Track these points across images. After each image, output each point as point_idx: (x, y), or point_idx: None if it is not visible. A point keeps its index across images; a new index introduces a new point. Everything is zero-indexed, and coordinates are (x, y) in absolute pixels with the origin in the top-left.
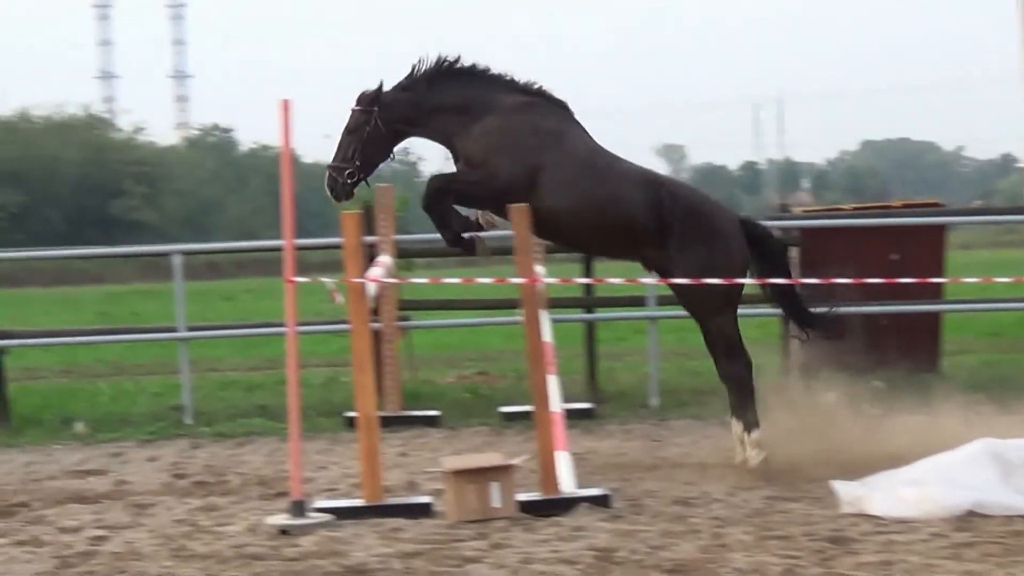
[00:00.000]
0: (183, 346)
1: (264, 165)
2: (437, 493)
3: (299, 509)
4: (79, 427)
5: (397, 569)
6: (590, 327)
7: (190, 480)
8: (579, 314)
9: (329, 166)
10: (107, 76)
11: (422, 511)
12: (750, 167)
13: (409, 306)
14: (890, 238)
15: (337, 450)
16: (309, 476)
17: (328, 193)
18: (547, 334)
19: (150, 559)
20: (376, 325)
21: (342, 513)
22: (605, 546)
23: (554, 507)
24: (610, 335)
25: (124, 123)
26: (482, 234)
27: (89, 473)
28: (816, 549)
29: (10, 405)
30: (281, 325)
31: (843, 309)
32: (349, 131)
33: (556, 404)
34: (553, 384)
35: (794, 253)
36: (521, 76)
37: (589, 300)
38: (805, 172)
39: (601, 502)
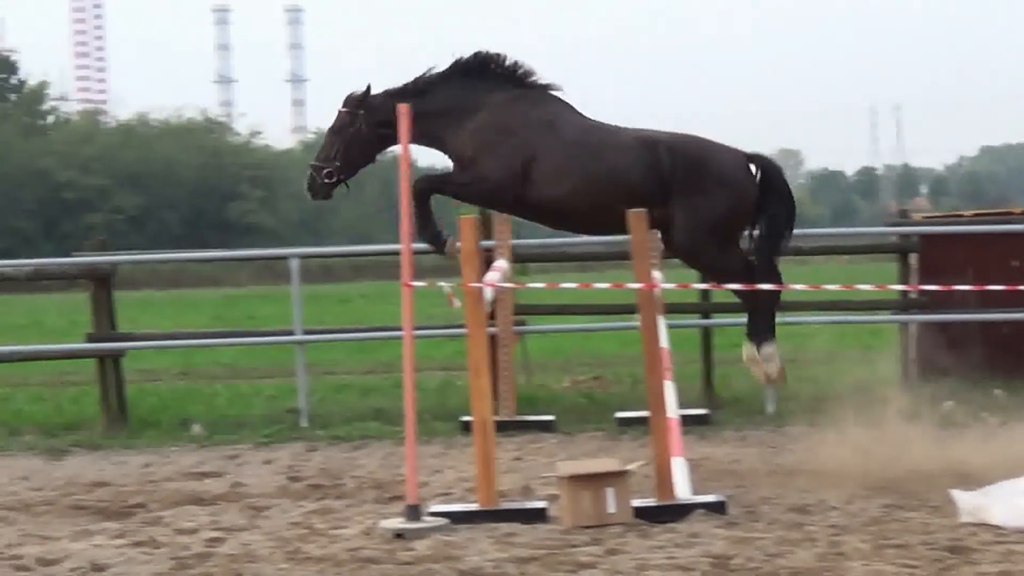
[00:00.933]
0: (300, 349)
1: (379, 169)
2: (552, 498)
3: (414, 513)
4: (196, 429)
5: (512, 574)
6: (707, 332)
7: (305, 483)
8: (696, 319)
9: (310, 164)
10: (225, 80)
11: (537, 516)
12: (867, 173)
13: (525, 310)
14: (1011, 245)
15: (452, 454)
16: (424, 480)
17: (306, 191)
18: (664, 339)
19: (265, 561)
20: (492, 329)
21: (457, 517)
22: (721, 553)
23: (669, 513)
24: (725, 341)
25: (241, 127)
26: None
27: (206, 475)
28: (935, 558)
29: (128, 407)
30: (397, 329)
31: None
32: (333, 131)
33: (672, 410)
34: (669, 390)
35: (913, 260)
36: (511, 63)
37: (706, 306)
38: (923, 178)
39: (717, 509)
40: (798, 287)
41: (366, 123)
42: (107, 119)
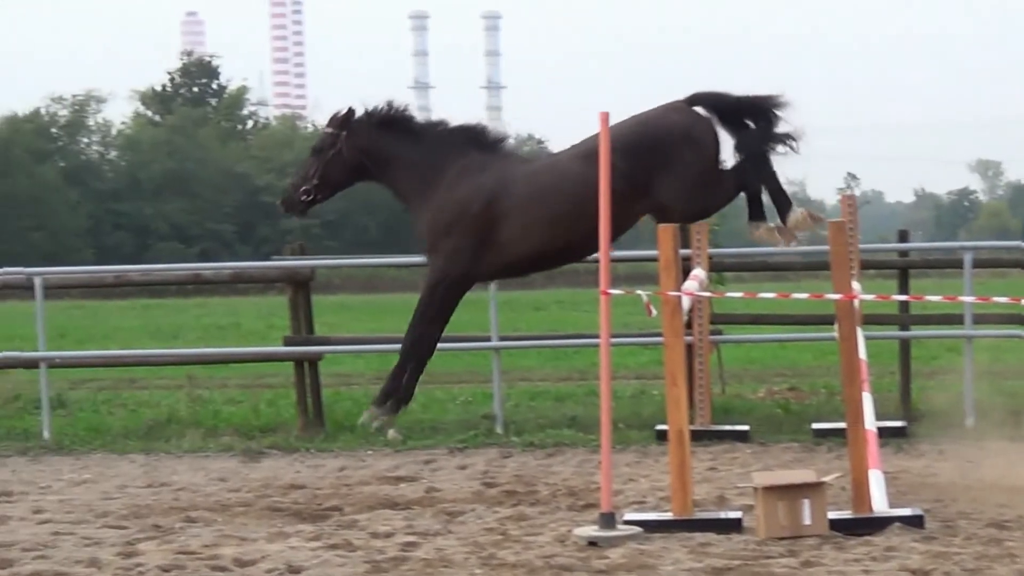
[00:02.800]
0: (496, 356)
1: None
2: (747, 508)
3: (608, 521)
4: (391, 434)
5: None
6: (905, 344)
7: (500, 489)
8: (894, 331)
9: (289, 182)
10: (422, 86)
11: (732, 526)
12: None
13: (721, 320)
14: None
15: (646, 463)
16: (618, 488)
17: (279, 204)
18: (862, 351)
19: (460, 567)
20: (688, 338)
21: (651, 526)
22: (918, 567)
23: (866, 526)
24: (922, 353)
25: None
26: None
27: (401, 479)
28: None
29: (324, 410)
30: (593, 336)
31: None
32: (314, 151)
33: (869, 422)
34: (867, 402)
35: None
36: (478, 128)
37: (904, 317)
38: None
39: (914, 523)
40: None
41: (347, 146)
42: (305, 124)
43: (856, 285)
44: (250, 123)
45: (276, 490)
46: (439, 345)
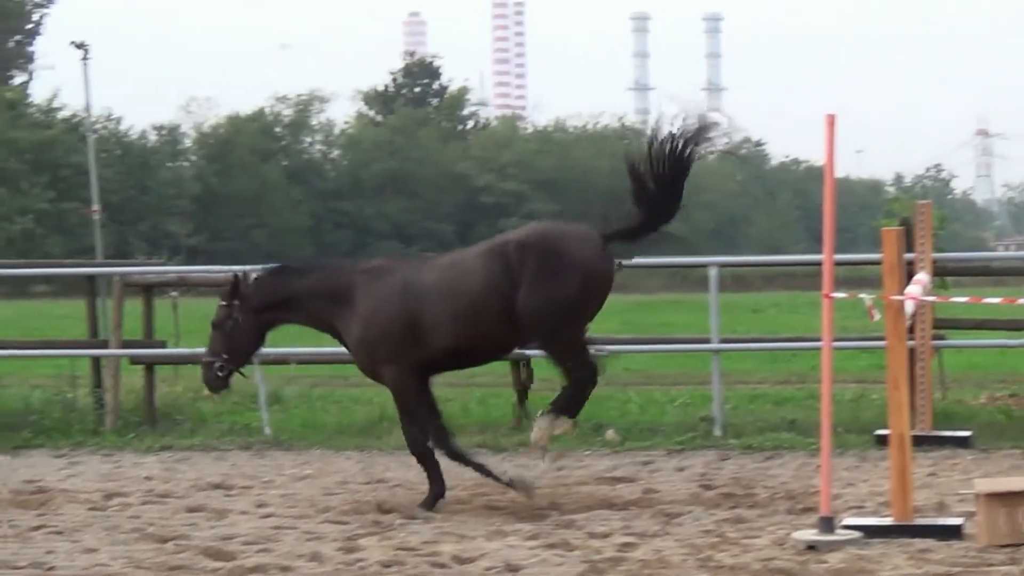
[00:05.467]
0: (715, 358)
1: (793, 179)
2: (968, 515)
3: (827, 525)
4: (610, 434)
5: None
6: None
7: (718, 491)
8: None
9: (203, 360)
10: (642, 88)
11: (952, 533)
12: None
13: (943, 324)
14: None
15: (865, 467)
16: (837, 493)
17: (208, 391)
18: None
19: (677, 568)
20: (910, 343)
21: (870, 531)
22: None
23: None
24: None
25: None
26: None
27: (619, 480)
28: None
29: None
30: (813, 339)
31: None
32: (214, 326)
33: None
34: None
35: None
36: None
37: None
38: None
39: None
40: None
41: (242, 314)
42: (525, 125)
43: None
44: (470, 123)
45: (493, 488)
46: (658, 347)
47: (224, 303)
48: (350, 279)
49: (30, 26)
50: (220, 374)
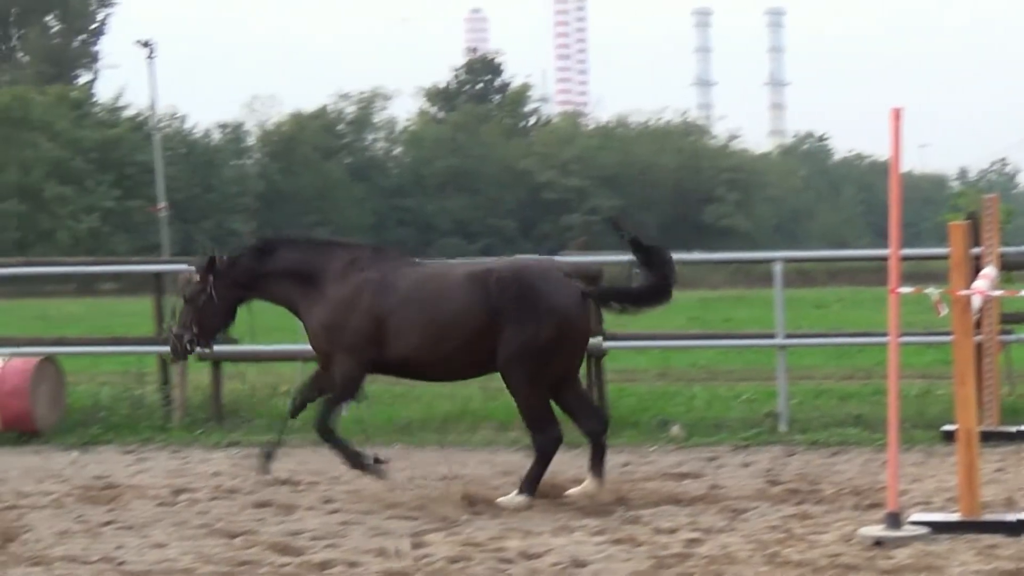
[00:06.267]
0: (781, 353)
1: (857, 174)
2: None
3: (894, 521)
4: (675, 430)
5: None
6: None
7: (784, 487)
8: None
9: (172, 332)
10: (704, 83)
11: (1020, 528)
12: None
13: (1010, 319)
14: None
15: (931, 463)
16: (904, 488)
17: (172, 358)
18: None
19: (744, 564)
20: (977, 338)
21: (938, 527)
22: None
23: None
24: None
25: (719, 130)
26: None
27: (684, 476)
28: None
29: (608, 406)
30: (879, 335)
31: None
32: (186, 300)
33: None
34: None
35: None
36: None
37: None
38: None
39: None
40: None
41: (216, 290)
42: (587, 121)
43: None
44: (532, 120)
45: (561, 484)
46: (723, 342)
47: (198, 279)
48: (326, 265)
49: (95, 25)
50: (190, 347)
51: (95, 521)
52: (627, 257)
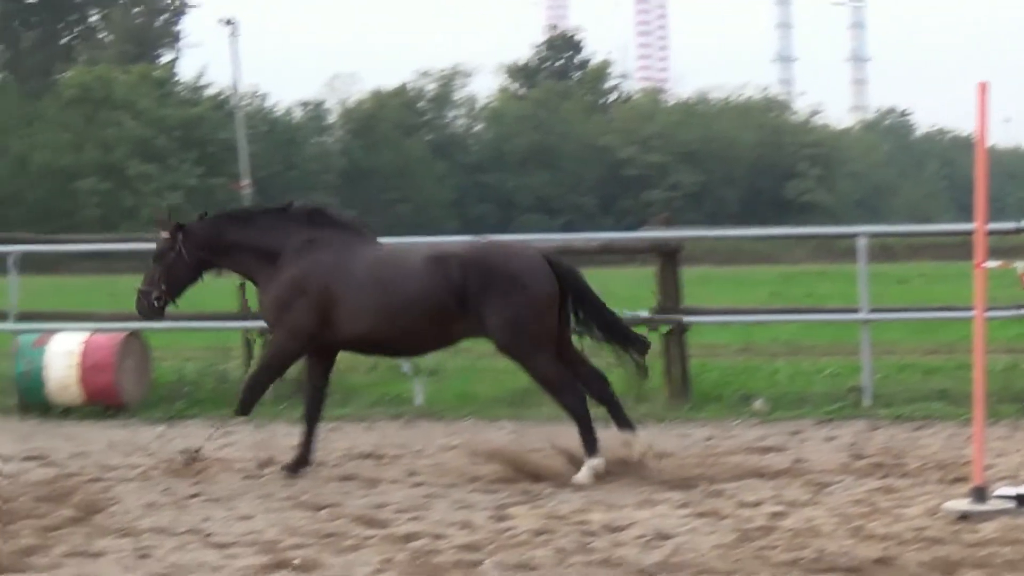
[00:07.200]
0: (865, 328)
1: (940, 149)
2: None
3: (980, 495)
4: (758, 404)
5: None
6: None
7: (868, 461)
8: None
9: (138, 288)
10: (785, 58)
11: None
12: None
13: None
14: None
15: (1017, 437)
16: (989, 463)
17: (140, 316)
18: None
19: (829, 537)
20: None
21: None
22: None
23: None
24: None
25: (800, 106)
26: None
27: (768, 450)
28: None
29: (691, 381)
30: (964, 309)
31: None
32: (155, 258)
33: None
34: None
35: None
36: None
37: None
38: None
39: None
40: None
41: (185, 248)
42: (667, 97)
43: None
44: (613, 96)
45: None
46: (807, 316)
47: (167, 237)
48: (285, 243)
49: (177, 4)
50: (156, 304)
51: (182, 494)
52: (712, 233)
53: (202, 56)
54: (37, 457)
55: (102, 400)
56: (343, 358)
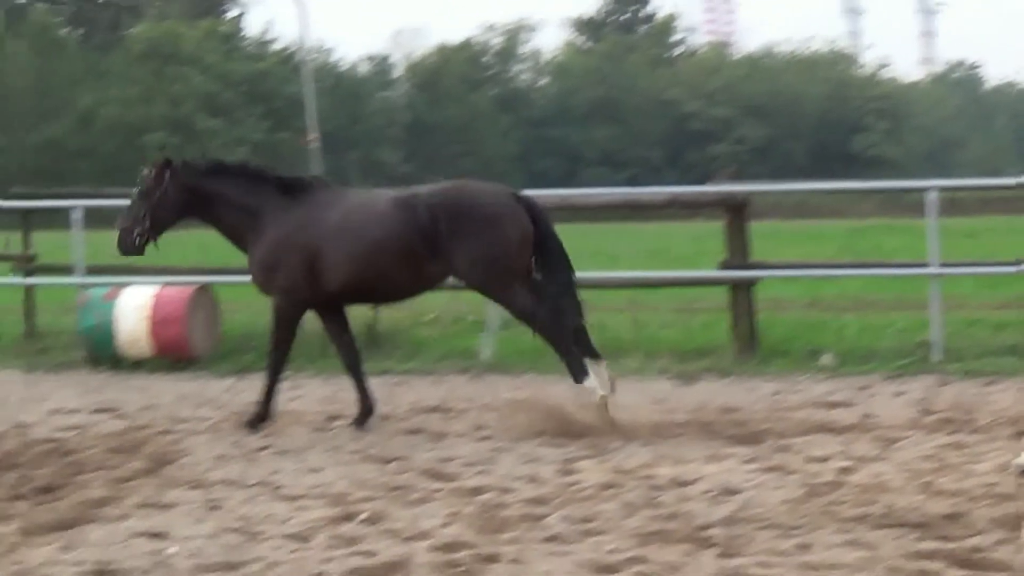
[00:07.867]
0: (934, 282)
1: (1010, 102)
2: None
3: None
4: (826, 359)
5: None
6: None
7: (937, 416)
8: None
9: (120, 226)
10: (852, 11)
11: None
12: None
13: None
14: None
15: None
16: None
17: (119, 251)
18: None
19: (898, 493)
20: None
21: None
22: None
23: None
24: None
25: (867, 59)
26: None
27: (835, 405)
28: None
29: (758, 335)
30: None
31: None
32: (140, 195)
33: None
34: None
35: None
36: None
37: None
38: None
39: None
40: None
41: (172, 186)
42: (734, 51)
43: None
44: (679, 50)
45: (711, 413)
46: (876, 271)
47: (155, 174)
48: (264, 203)
49: None
50: (138, 241)
51: (251, 447)
52: (780, 187)
53: (268, 11)
54: (108, 409)
55: (172, 353)
56: (407, 312)
